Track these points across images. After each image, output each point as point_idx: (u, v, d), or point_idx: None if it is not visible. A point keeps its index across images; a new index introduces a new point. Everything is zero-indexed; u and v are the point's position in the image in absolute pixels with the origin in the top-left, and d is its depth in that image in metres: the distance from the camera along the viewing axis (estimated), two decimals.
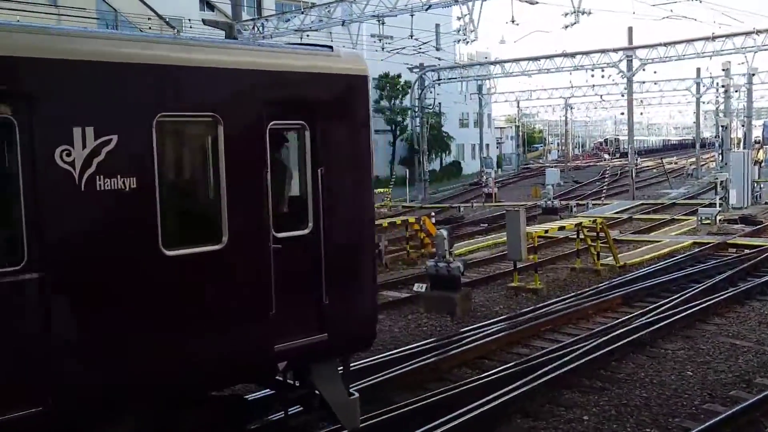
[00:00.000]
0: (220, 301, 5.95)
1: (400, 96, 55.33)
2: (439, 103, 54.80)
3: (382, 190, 39.29)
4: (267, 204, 6.13)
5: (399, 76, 53.47)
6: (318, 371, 6.76)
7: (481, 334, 11.71)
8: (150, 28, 27.98)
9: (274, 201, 6.22)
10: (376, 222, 20.75)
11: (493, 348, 11.28)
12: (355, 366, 9.79)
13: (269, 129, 6.16)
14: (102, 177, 5.20)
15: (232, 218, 5.88)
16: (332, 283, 6.53)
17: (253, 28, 30.75)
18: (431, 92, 47.51)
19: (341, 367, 7.14)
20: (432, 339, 11.83)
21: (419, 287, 14.64)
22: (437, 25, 43.67)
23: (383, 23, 29.76)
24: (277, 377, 6.96)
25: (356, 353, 7.86)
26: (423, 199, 41.78)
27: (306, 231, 6.47)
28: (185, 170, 6.36)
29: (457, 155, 66.07)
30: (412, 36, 28.08)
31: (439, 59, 44.33)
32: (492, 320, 12.95)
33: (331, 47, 7.04)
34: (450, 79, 47.89)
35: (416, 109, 46.43)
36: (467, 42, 28.23)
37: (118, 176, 5.28)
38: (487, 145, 67.92)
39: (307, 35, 30.39)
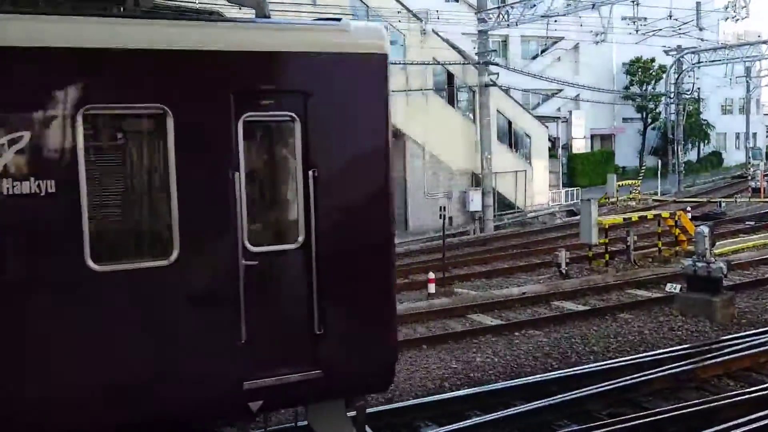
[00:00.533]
0: (165, 327, 4.96)
1: (653, 81, 51.79)
2: (698, 88, 50.40)
3: (630, 182, 37.14)
4: (237, 212, 5.04)
5: (652, 60, 50.06)
6: (315, 413, 5.70)
7: (747, 344, 10.40)
8: (399, 21, 28.95)
9: (250, 209, 5.14)
10: (624, 216, 19.67)
11: (763, 360, 9.96)
12: (599, 366, 9.33)
13: (243, 122, 5.05)
14: (11, 180, 4.49)
15: (184, 229, 4.88)
16: (328, 309, 5.30)
17: (498, 15, 30.48)
18: (689, 76, 43.76)
19: (353, 411, 5.74)
20: (687, 344, 10.80)
21: (673, 288, 13.50)
22: (698, 3, 40.04)
23: (638, 4, 27.92)
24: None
25: (367, 395, 6.14)
26: (676, 192, 38.76)
27: (294, 245, 5.26)
28: (121, 173, 5.02)
29: (718, 145, 60.35)
30: (670, 16, 25.97)
31: (701, 40, 40.65)
32: (761, 329, 11.47)
33: (339, 19, 5.68)
34: (712, 61, 43.68)
35: (671, 95, 43.09)
36: (736, 20, 25.48)
37: (32, 179, 4.54)
38: (755, 134, 61.17)
39: (555, 20, 29.47)
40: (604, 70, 50.97)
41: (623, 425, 7.45)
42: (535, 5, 29.77)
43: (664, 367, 9.32)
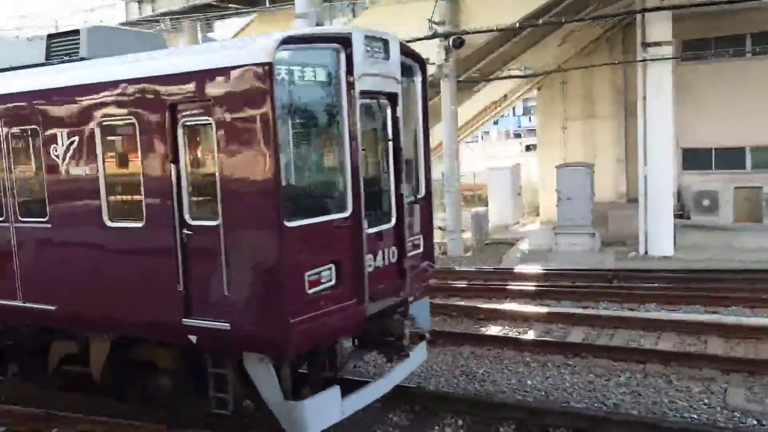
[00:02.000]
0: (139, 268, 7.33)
1: None
2: None
3: None
4: (177, 194, 6.83)
5: None
6: (248, 361, 6.88)
7: None
8: None
9: (193, 193, 6.84)
10: None
11: None
12: None
13: (181, 126, 6.79)
14: None
15: (147, 204, 7.08)
16: (232, 275, 6.58)
17: None
18: None
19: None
20: None
21: None
22: None
23: None
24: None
25: (270, 355, 6.71)
26: None
27: (215, 222, 6.62)
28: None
29: None
30: None
31: None
32: None
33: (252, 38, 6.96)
34: None
35: None
36: None
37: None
38: None
39: None
40: None
41: None
42: None
43: None
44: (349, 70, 6.87)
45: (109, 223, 7.39)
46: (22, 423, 8.40)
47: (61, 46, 8.46)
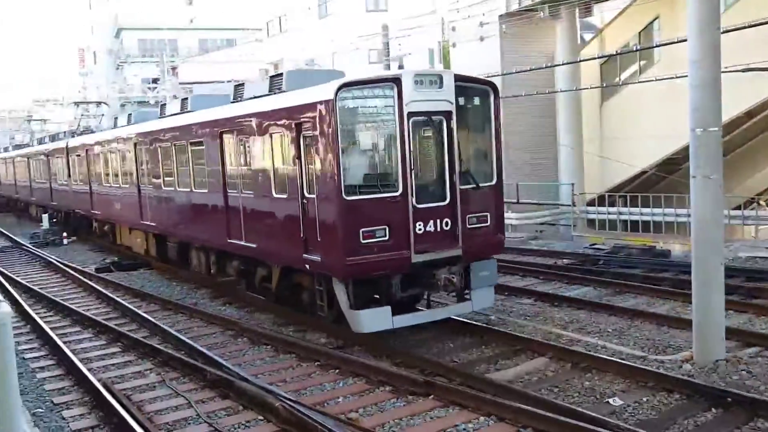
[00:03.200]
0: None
1: None
2: None
3: None
4: (300, 178, 11.06)
5: None
6: (333, 281, 10.50)
7: None
8: None
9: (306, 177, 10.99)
10: None
11: None
12: None
13: (302, 137, 10.93)
14: None
15: (288, 183, 11.42)
16: (320, 228, 10.58)
17: None
18: None
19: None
20: None
21: None
22: None
23: None
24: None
25: (337, 278, 10.35)
26: None
27: (313, 196, 10.78)
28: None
29: None
30: None
31: None
32: None
33: None
34: None
35: None
36: None
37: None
38: None
39: None
40: None
41: None
42: None
43: None
44: (400, 99, 10.00)
45: (274, 195, 11.80)
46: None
47: (274, 83, 12.75)
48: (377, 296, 10.55)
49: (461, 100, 10.72)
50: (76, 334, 12.49)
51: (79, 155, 25.55)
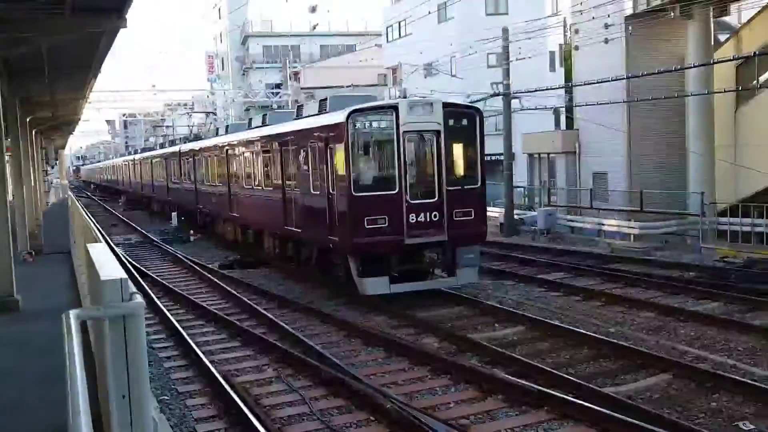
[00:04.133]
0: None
1: None
2: None
3: None
4: (328, 179, 14.25)
5: None
6: (348, 257, 13.86)
7: None
8: None
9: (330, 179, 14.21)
10: None
11: None
12: None
13: (328, 148, 14.19)
14: None
15: (320, 183, 14.69)
16: (336, 217, 13.95)
17: None
18: None
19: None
20: None
21: None
22: None
23: None
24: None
25: (349, 255, 13.84)
26: None
27: (334, 192, 14.08)
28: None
29: None
30: None
31: None
32: None
33: None
34: None
35: None
36: None
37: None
38: None
39: None
40: None
41: None
42: None
43: None
44: (397, 121, 13.28)
45: (312, 191, 15.13)
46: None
47: (322, 105, 16.04)
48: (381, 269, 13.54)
49: (450, 121, 13.78)
50: (199, 327, 13.10)
51: (187, 159, 29.70)
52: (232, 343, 11.91)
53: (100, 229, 27.32)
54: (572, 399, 8.19)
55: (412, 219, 13.35)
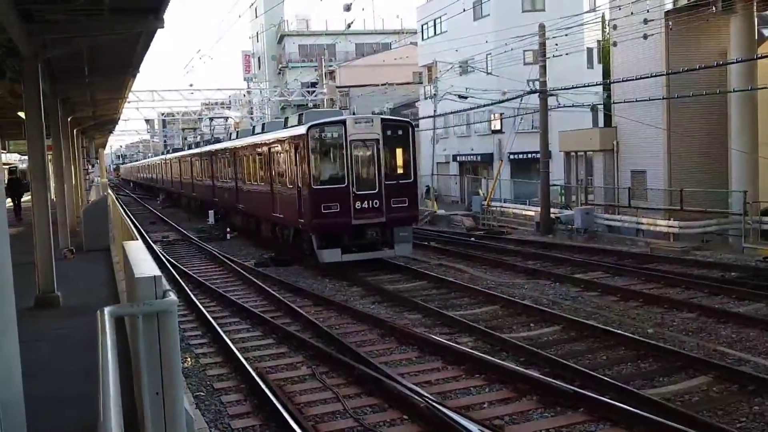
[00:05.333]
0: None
1: None
2: None
3: None
4: (296, 176, 18.64)
5: None
6: (312, 234, 18.05)
7: None
8: None
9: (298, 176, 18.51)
10: None
11: None
12: None
13: (297, 153, 18.51)
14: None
15: (291, 179, 19.10)
16: (302, 204, 18.17)
17: None
18: None
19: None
20: None
21: None
22: None
23: None
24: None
25: (311, 233, 18.19)
26: None
27: (300, 185, 18.28)
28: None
29: None
30: None
31: None
32: None
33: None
34: None
35: None
36: None
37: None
38: None
39: None
40: None
41: None
42: None
43: None
44: (345, 133, 17.55)
45: (288, 185, 19.33)
46: None
47: (301, 118, 19.83)
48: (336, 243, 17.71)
49: (388, 132, 17.96)
50: (235, 324, 13.21)
51: (205, 159, 33.90)
52: (267, 340, 11.98)
53: (139, 226, 27.76)
54: (609, 401, 8.06)
55: (358, 206, 17.49)
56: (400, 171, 18.19)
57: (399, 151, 18.29)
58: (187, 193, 41.81)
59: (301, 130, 17.85)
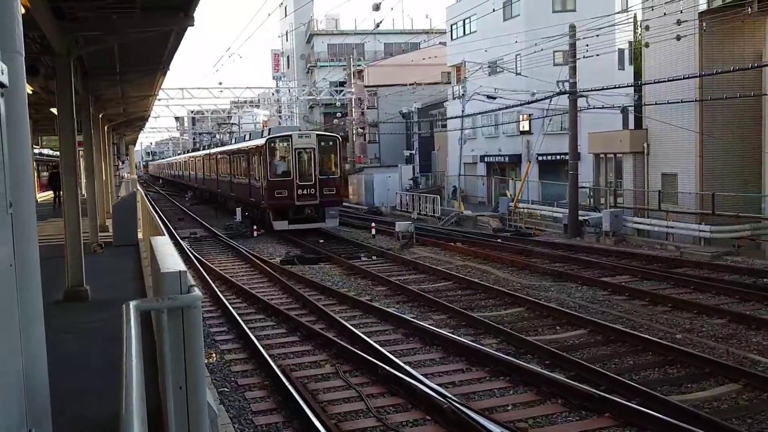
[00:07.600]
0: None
1: None
2: None
3: None
4: (255, 172, 29.84)
5: None
6: (270, 211, 28.20)
7: None
8: None
9: (259, 173, 28.65)
10: None
11: None
12: None
13: (259, 158, 28.75)
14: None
15: (252, 174, 30.52)
16: (261, 190, 28.01)
17: None
18: None
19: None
20: None
21: None
22: None
23: None
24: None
25: (267, 209, 27.95)
26: None
27: (263, 177, 27.97)
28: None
29: None
30: None
31: None
32: None
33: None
34: None
35: None
36: None
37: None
38: None
39: None
40: None
41: None
42: None
43: None
44: (292, 143, 26.73)
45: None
46: None
47: (266, 131, 29.81)
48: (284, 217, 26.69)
49: (321, 143, 26.94)
50: (260, 321, 13.28)
51: (211, 159, 42.27)
52: (291, 337, 12.02)
53: (167, 222, 28.11)
54: (635, 406, 7.95)
55: (300, 192, 26.25)
56: (330, 169, 27.11)
57: (330, 156, 27.22)
58: (209, 189, 45.31)
59: (262, 141, 27.15)
